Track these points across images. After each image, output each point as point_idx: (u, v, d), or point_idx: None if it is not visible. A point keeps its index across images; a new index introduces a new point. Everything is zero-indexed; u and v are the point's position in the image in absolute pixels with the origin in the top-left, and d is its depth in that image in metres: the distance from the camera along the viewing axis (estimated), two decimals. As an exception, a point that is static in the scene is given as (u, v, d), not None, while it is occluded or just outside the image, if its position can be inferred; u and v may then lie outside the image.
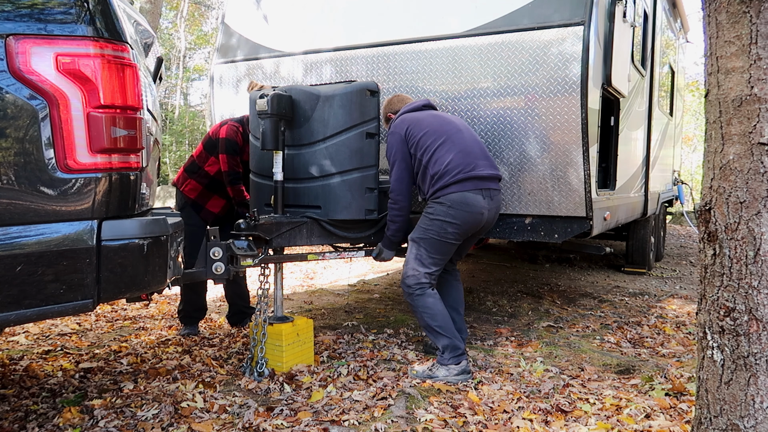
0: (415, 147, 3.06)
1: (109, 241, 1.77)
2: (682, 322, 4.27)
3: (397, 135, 3.09)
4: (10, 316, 1.65)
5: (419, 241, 3.03)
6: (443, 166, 2.99)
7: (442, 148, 3.02)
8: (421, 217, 3.08)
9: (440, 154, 3.00)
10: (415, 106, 3.23)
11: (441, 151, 3.01)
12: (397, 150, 3.08)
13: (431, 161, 3.02)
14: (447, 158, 2.99)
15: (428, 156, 3.02)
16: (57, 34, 1.68)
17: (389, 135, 3.14)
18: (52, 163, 1.69)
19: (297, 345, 3.07)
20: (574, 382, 2.91)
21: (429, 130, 3.06)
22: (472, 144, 3.08)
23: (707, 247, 1.62)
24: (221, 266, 2.70)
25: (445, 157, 3.00)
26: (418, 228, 3.06)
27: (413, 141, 3.06)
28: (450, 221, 2.97)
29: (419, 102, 3.25)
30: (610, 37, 3.62)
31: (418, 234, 3.04)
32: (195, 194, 3.59)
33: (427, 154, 3.03)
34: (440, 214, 2.98)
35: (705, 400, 1.66)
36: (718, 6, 1.55)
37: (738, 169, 1.52)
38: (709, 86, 1.60)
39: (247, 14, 4.32)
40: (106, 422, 2.39)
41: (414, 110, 3.20)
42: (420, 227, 3.05)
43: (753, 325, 1.53)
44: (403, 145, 3.07)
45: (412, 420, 2.45)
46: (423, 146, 3.04)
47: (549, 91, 3.30)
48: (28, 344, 3.48)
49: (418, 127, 3.07)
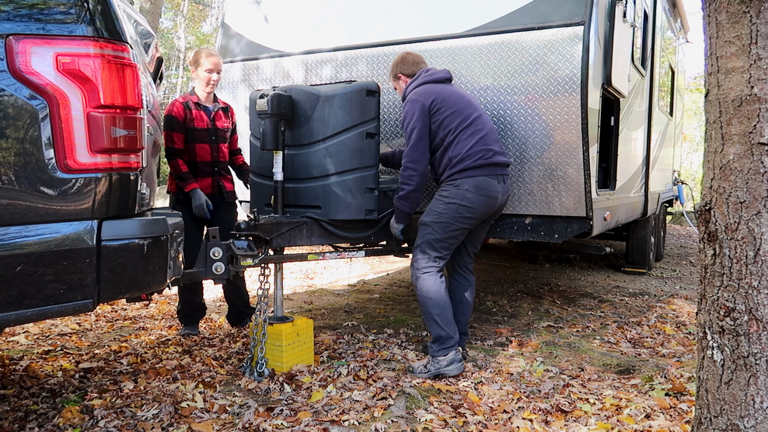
0: (438, 125, 3.00)
1: (109, 241, 1.77)
2: (682, 322, 4.27)
3: (421, 105, 2.99)
4: (10, 316, 1.65)
5: (432, 224, 2.99)
6: (465, 150, 2.97)
7: (466, 132, 2.99)
8: (434, 201, 3.05)
9: (463, 137, 2.98)
10: (439, 77, 3.13)
11: (465, 135, 2.99)
12: (417, 119, 2.98)
13: (453, 143, 2.98)
14: (470, 142, 2.98)
15: (452, 137, 2.99)
16: (57, 34, 1.68)
17: (409, 101, 3.03)
18: (52, 163, 1.69)
19: (297, 345, 3.07)
20: (574, 382, 2.91)
21: (456, 110, 3.01)
22: (490, 130, 3.09)
23: (707, 247, 1.62)
24: (221, 266, 2.70)
25: (468, 141, 2.98)
26: (430, 211, 3.03)
27: (438, 118, 2.99)
28: (467, 205, 2.96)
29: (442, 73, 3.15)
30: (610, 37, 3.61)
31: (432, 218, 3.00)
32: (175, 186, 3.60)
33: (451, 135, 2.99)
34: (457, 198, 2.96)
35: (705, 400, 1.66)
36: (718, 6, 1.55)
37: (738, 169, 1.52)
38: (709, 86, 1.60)
39: (248, 14, 4.32)
40: (106, 422, 2.38)
41: (438, 81, 3.12)
42: (433, 211, 3.01)
43: (753, 325, 1.53)
44: (426, 117, 2.99)
45: (412, 420, 2.45)
46: (448, 126, 2.99)
47: (549, 91, 3.30)
48: (28, 344, 3.48)
49: (446, 105, 3.00)
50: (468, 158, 2.96)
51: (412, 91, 3.09)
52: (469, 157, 2.96)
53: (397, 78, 3.27)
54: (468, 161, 2.96)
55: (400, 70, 3.25)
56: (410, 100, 3.02)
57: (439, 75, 3.14)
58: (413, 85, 3.12)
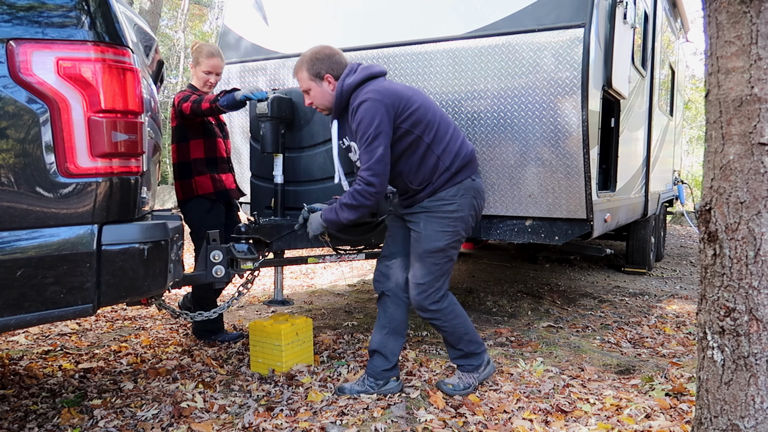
0: (412, 124, 2.48)
1: (110, 245, 1.77)
2: (682, 322, 4.27)
3: (385, 106, 2.40)
4: (10, 321, 1.65)
5: (447, 248, 2.55)
6: (456, 147, 2.55)
7: (443, 125, 2.56)
8: (437, 222, 2.54)
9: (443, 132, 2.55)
10: (381, 71, 2.60)
11: (443, 129, 2.55)
12: (381, 122, 2.38)
13: (437, 141, 2.52)
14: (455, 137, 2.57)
15: (432, 134, 2.51)
16: (57, 39, 1.68)
17: (369, 101, 2.40)
18: (53, 167, 1.69)
19: (296, 345, 3.07)
20: (574, 382, 2.91)
21: (421, 103, 2.52)
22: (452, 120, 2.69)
23: (707, 247, 1.62)
24: (221, 269, 2.70)
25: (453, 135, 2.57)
26: (439, 236, 2.53)
27: (409, 117, 2.47)
28: (473, 214, 2.60)
29: (380, 67, 2.62)
30: (611, 39, 3.62)
31: (445, 242, 2.53)
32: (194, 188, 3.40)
33: (431, 133, 2.51)
34: (465, 209, 2.55)
35: (705, 401, 1.66)
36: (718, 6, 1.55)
37: (738, 169, 1.52)
38: (709, 86, 1.60)
39: (247, 16, 4.32)
40: (105, 422, 2.39)
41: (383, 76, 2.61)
42: (443, 233, 2.53)
43: (753, 325, 1.53)
44: (391, 121, 2.43)
45: (412, 420, 2.45)
46: (423, 122, 2.49)
47: (550, 93, 3.30)
48: (28, 344, 3.48)
49: (410, 100, 2.49)
50: (459, 156, 2.55)
51: (360, 90, 2.49)
52: (459, 154, 2.55)
53: (320, 78, 2.55)
54: (460, 160, 2.55)
55: (327, 68, 2.55)
56: (370, 100, 2.41)
57: (381, 69, 2.60)
58: (352, 82, 2.51)
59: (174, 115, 3.37)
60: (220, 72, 3.48)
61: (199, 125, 3.37)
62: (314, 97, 2.60)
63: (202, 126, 3.38)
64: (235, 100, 3.09)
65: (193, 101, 3.19)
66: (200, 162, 3.36)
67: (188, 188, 3.36)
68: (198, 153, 3.36)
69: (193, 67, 3.48)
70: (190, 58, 3.67)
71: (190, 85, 3.47)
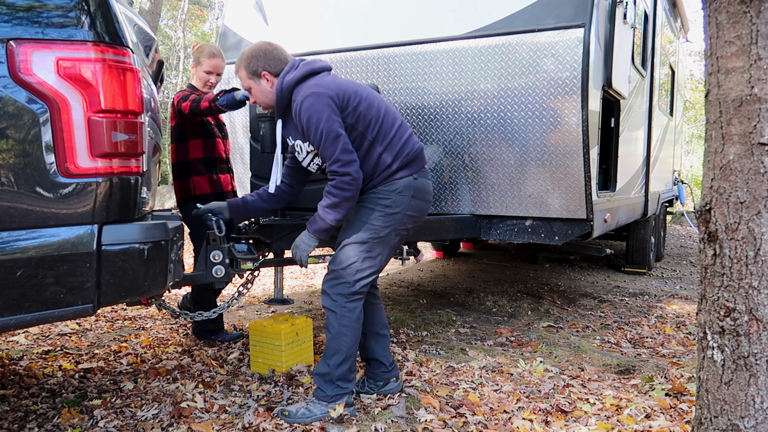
0: (356, 119, 2.41)
1: (110, 245, 1.77)
2: (682, 322, 4.27)
3: (328, 97, 2.33)
4: (10, 321, 1.65)
5: (370, 241, 2.43)
6: (400, 143, 2.47)
7: (388, 120, 2.47)
8: (366, 211, 2.45)
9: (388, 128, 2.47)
10: (325, 65, 2.52)
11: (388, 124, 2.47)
12: (330, 113, 2.31)
13: (381, 136, 2.45)
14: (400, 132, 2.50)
15: (376, 129, 2.44)
16: (57, 39, 1.68)
17: (310, 96, 2.33)
18: (53, 167, 1.69)
19: (296, 344, 3.07)
20: (574, 382, 2.91)
21: (364, 96, 2.45)
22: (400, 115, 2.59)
23: (707, 247, 1.62)
24: (221, 269, 2.70)
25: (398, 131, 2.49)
26: (367, 226, 2.43)
27: (353, 110, 2.40)
28: (411, 214, 2.48)
29: (323, 62, 2.54)
30: (611, 39, 3.62)
31: (370, 234, 2.42)
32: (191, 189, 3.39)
33: (374, 128, 2.43)
34: (401, 206, 2.44)
35: (705, 401, 1.66)
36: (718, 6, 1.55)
37: (738, 169, 1.52)
38: (709, 86, 1.60)
39: (247, 16, 4.32)
40: (105, 422, 2.39)
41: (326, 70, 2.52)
42: (371, 225, 2.43)
43: (753, 325, 1.53)
44: (338, 110, 2.36)
45: (412, 420, 2.45)
46: (368, 117, 2.42)
47: (549, 93, 3.30)
48: (28, 344, 3.48)
49: (354, 94, 2.42)
50: (402, 154, 2.47)
51: (301, 87, 2.41)
52: (402, 152, 2.46)
53: (257, 75, 2.47)
54: (402, 158, 2.46)
55: (264, 65, 2.45)
56: (313, 94, 2.33)
57: (324, 64, 2.52)
58: (292, 79, 2.42)
59: (173, 115, 3.36)
60: (221, 72, 3.48)
61: (198, 125, 3.36)
62: (255, 95, 2.53)
63: (201, 126, 3.38)
64: (234, 100, 3.08)
65: (192, 101, 3.19)
66: (199, 162, 3.36)
67: (186, 188, 3.35)
68: (197, 153, 3.36)
69: (193, 66, 3.47)
70: (190, 58, 3.67)
71: (189, 84, 3.46)
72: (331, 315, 2.46)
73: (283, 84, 2.43)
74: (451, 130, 3.64)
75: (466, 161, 3.64)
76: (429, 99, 3.66)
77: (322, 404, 2.43)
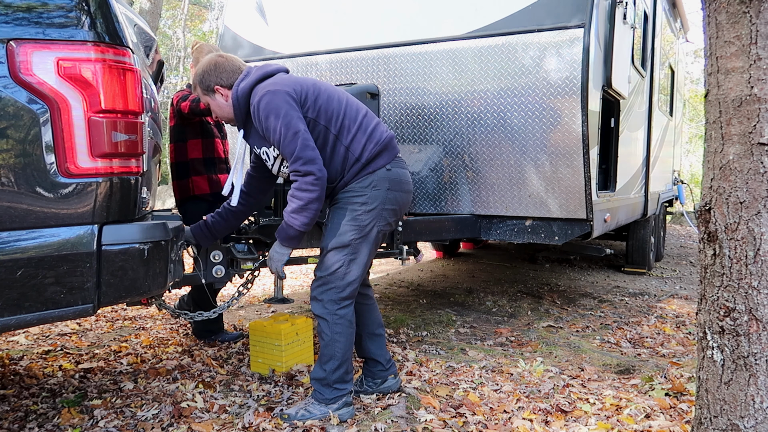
0: (317, 114, 2.32)
1: (110, 245, 1.77)
2: (682, 322, 4.28)
3: (282, 92, 2.24)
4: (10, 321, 1.65)
5: (353, 242, 2.34)
6: (367, 135, 2.36)
7: (351, 112, 2.38)
8: (344, 212, 2.35)
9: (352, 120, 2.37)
10: (279, 68, 2.44)
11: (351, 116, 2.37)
12: (288, 109, 2.22)
13: (346, 130, 2.35)
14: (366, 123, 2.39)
15: (339, 123, 2.34)
16: (58, 39, 1.68)
17: (266, 95, 2.24)
18: (53, 167, 1.69)
19: (296, 344, 3.07)
20: (574, 382, 2.91)
21: (323, 89, 2.37)
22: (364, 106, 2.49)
23: (707, 247, 1.63)
24: (221, 269, 2.70)
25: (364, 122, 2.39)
26: (345, 228, 2.34)
27: (314, 105, 2.31)
28: (390, 207, 2.38)
29: (275, 65, 2.45)
30: (611, 39, 3.62)
31: (351, 235, 2.33)
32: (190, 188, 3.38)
33: (337, 121, 2.34)
34: (378, 201, 2.35)
35: (705, 400, 1.66)
36: (718, 6, 1.55)
37: (738, 169, 1.53)
38: (709, 86, 1.61)
39: (248, 16, 4.33)
40: (106, 422, 2.39)
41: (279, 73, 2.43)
42: (350, 226, 2.34)
43: (753, 325, 1.53)
44: (297, 106, 2.27)
45: (412, 420, 2.45)
46: (330, 111, 2.33)
47: (549, 94, 3.31)
48: (28, 344, 3.48)
49: (312, 89, 2.34)
50: (370, 145, 2.37)
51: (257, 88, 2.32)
52: (370, 143, 2.36)
53: (211, 91, 2.39)
54: (371, 149, 2.36)
55: (216, 80, 2.37)
56: (268, 93, 2.25)
57: (278, 67, 2.46)
58: (246, 85, 2.34)
59: (172, 115, 3.37)
60: None
61: (197, 125, 3.37)
62: (214, 111, 2.46)
63: (200, 126, 3.38)
64: None
65: (191, 100, 3.19)
66: (198, 162, 3.36)
67: (185, 188, 3.36)
68: (196, 153, 3.36)
69: (193, 66, 3.47)
70: (190, 58, 3.67)
71: (189, 84, 3.46)
72: (323, 323, 2.42)
73: (238, 92, 2.34)
74: (451, 130, 3.64)
75: (466, 161, 3.64)
76: (429, 99, 3.66)
77: (321, 405, 2.43)
